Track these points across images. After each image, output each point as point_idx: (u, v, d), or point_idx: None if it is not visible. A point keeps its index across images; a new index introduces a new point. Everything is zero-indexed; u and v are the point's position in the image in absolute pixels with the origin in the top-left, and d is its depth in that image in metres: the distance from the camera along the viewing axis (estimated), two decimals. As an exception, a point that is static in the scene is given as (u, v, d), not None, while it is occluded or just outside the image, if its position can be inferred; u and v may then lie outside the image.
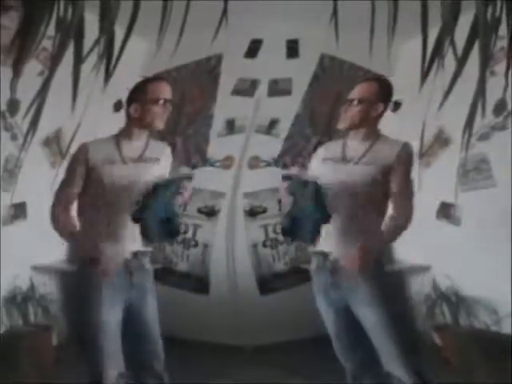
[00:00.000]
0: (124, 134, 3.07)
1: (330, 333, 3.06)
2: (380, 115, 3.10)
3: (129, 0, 1.51)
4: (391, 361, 2.89)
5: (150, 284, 3.04)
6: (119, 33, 1.52)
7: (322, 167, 3.12)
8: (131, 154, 3.05)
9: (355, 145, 3.08)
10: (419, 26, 1.54)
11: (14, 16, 2.01)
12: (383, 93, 3.09)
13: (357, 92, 3.09)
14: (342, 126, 3.12)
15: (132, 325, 2.95)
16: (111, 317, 2.88)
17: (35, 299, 4.82)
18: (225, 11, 1.61)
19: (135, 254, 2.98)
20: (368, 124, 3.07)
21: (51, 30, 1.54)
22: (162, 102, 3.05)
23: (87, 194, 2.98)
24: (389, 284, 2.99)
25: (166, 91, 3.11)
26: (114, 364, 2.89)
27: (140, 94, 3.06)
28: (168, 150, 3.21)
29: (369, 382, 2.99)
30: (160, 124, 3.07)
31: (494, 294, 4.47)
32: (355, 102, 3.06)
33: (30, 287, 4.86)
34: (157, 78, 3.16)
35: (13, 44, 1.54)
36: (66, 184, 2.98)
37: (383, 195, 2.98)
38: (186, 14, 1.55)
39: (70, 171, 2.99)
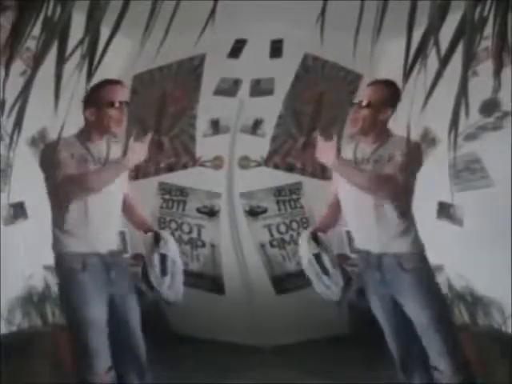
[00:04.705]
0: (85, 136, 3.10)
1: (383, 327, 3.10)
2: (388, 119, 3.07)
3: (118, 0, 1.50)
4: (437, 355, 2.95)
5: (129, 283, 3.12)
6: (103, 33, 1.51)
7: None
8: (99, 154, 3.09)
9: (365, 147, 3.09)
10: (403, 26, 1.53)
11: (11, 16, 2.00)
12: (392, 97, 3.05)
13: (366, 94, 3.07)
14: (352, 130, 3.10)
15: (114, 324, 3.01)
16: (97, 314, 2.96)
17: (52, 299, 4.78)
18: (213, 11, 1.60)
19: (111, 252, 3.07)
20: (378, 127, 3.06)
21: (35, 30, 1.53)
22: (117, 104, 3.04)
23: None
24: (429, 277, 3.04)
25: (120, 93, 3.10)
26: (102, 360, 2.95)
27: (95, 97, 3.01)
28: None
29: (416, 372, 3.07)
30: (117, 128, 3.07)
31: (499, 294, 4.47)
32: (364, 104, 3.03)
33: (45, 287, 4.82)
34: (111, 80, 3.12)
35: (6, 43, 1.54)
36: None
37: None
38: (173, 14, 1.54)
39: None
